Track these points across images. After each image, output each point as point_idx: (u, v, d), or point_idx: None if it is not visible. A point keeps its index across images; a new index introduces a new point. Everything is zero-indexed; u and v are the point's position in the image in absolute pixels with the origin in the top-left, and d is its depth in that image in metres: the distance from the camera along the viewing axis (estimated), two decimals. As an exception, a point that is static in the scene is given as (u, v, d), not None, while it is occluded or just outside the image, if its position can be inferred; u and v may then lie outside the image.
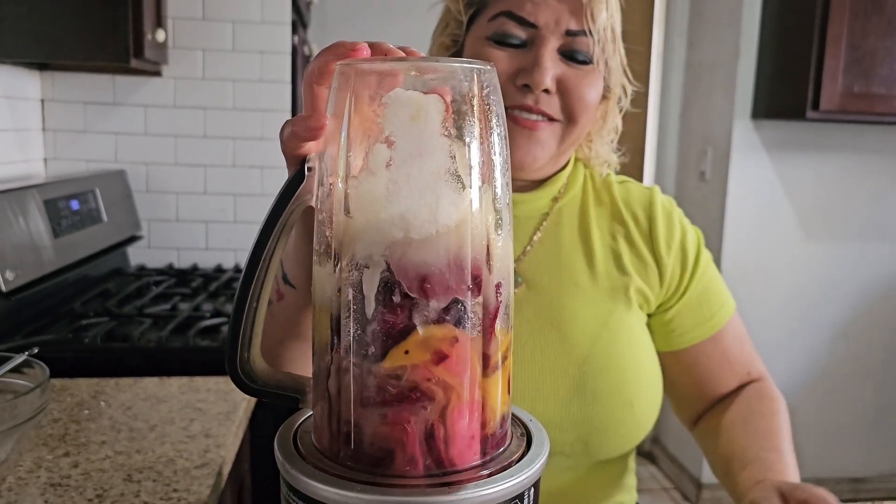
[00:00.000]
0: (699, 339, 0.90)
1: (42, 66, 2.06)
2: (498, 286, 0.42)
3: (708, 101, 2.85)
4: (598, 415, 0.80)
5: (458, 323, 0.40)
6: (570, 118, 0.81)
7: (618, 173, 0.98)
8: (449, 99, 0.38)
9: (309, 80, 0.44)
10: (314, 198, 0.43)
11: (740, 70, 2.63)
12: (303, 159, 0.43)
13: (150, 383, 1.27)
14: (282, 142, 0.44)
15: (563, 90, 0.80)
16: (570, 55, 0.79)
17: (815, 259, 2.81)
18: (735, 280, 2.76)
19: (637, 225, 0.90)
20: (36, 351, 0.99)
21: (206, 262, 2.21)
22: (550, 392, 0.80)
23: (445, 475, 0.41)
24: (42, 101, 2.09)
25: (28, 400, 0.87)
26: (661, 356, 0.91)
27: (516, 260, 0.85)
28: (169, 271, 2.08)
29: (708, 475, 2.82)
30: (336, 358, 0.41)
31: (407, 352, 0.40)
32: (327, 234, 0.40)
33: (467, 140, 0.39)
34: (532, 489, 0.43)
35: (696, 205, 2.95)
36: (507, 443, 0.45)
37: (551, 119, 0.81)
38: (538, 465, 0.43)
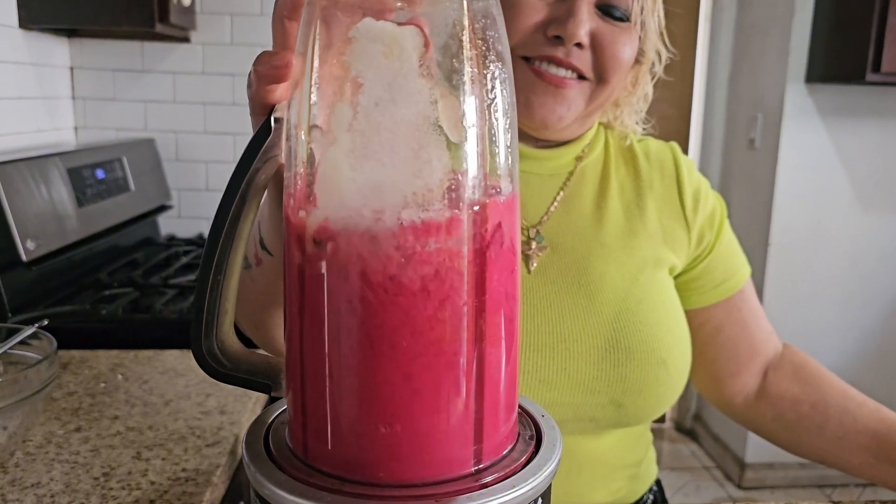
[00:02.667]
0: (724, 295, 0.88)
1: (70, 33, 2.03)
2: (497, 267, 0.36)
3: (759, 65, 2.70)
4: (633, 373, 0.77)
5: (446, 310, 0.33)
6: (600, 77, 0.76)
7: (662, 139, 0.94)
8: (428, 31, 0.31)
9: (279, 14, 0.37)
10: (283, 154, 0.37)
11: (794, 30, 2.48)
12: (270, 109, 0.37)
13: (170, 356, 1.24)
14: (248, 89, 0.38)
15: (597, 46, 0.75)
16: (606, 10, 0.75)
17: (872, 232, 2.67)
18: (785, 253, 2.64)
19: (663, 181, 0.87)
20: (46, 323, 0.96)
21: (237, 232, 2.18)
22: (581, 351, 0.76)
23: (432, 485, 0.34)
24: (71, 68, 2.07)
25: (34, 373, 0.85)
26: (687, 318, 0.89)
27: (539, 221, 0.82)
28: (198, 241, 2.05)
29: (752, 454, 2.72)
30: (305, 343, 0.35)
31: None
32: (292, 201, 0.34)
33: (454, 83, 0.32)
34: (539, 501, 0.36)
35: (744, 174, 2.82)
36: (511, 445, 0.38)
37: (581, 77, 0.76)
38: (546, 473, 0.36)
